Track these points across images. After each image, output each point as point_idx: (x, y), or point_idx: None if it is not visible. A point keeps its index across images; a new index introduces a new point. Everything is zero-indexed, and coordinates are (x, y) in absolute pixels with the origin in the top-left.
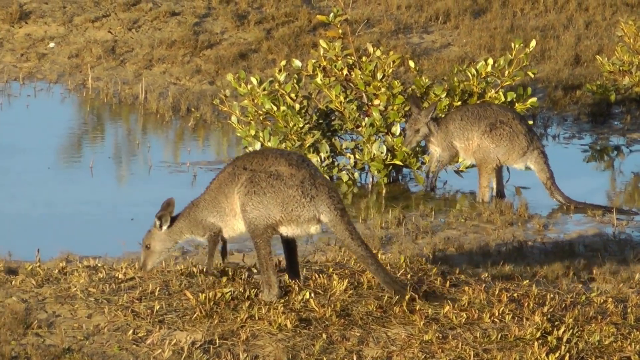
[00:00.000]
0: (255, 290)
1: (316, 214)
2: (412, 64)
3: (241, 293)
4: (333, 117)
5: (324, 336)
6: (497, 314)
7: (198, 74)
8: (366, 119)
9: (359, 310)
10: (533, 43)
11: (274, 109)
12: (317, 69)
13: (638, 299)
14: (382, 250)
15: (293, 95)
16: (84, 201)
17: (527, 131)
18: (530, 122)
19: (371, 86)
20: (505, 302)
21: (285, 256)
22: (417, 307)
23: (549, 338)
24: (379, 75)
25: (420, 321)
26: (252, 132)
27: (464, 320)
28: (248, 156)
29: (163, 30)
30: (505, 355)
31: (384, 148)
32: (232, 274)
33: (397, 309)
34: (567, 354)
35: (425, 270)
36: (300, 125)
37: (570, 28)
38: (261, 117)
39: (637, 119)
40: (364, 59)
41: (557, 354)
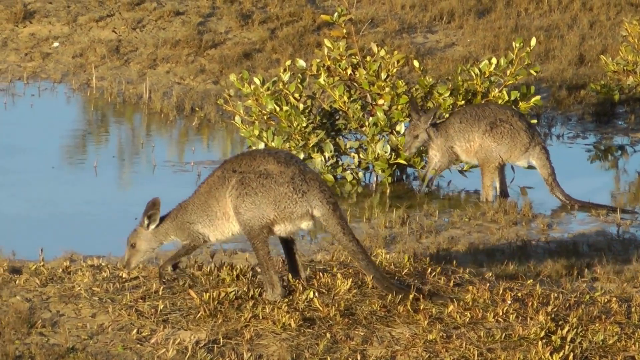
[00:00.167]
0: (259, 289)
1: (309, 209)
2: (416, 63)
3: (245, 292)
4: (337, 117)
5: (328, 335)
6: (501, 313)
7: (202, 73)
8: (370, 118)
9: (363, 309)
10: (534, 41)
11: (276, 109)
12: (321, 68)
13: None
14: (386, 250)
15: (297, 95)
16: (88, 201)
17: (528, 127)
18: (535, 121)
19: (375, 86)
20: (509, 301)
21: (285, 255)
22: (421, 306)
23: (553, 337)
24: (383, 75)
25: (424, 320)
26: (256, 132)
27: (468, 319)
28: (236, 158)
29: (167, 29)
30: (509, 355)
31: (388, 147)
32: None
33: (401, 308)
34: (571, 354)
35: (429, 269)
36: (304, 124)
37: (575, 28)
38: (265, 117)
39: None
40: (368, 58)
41: (561, 353)
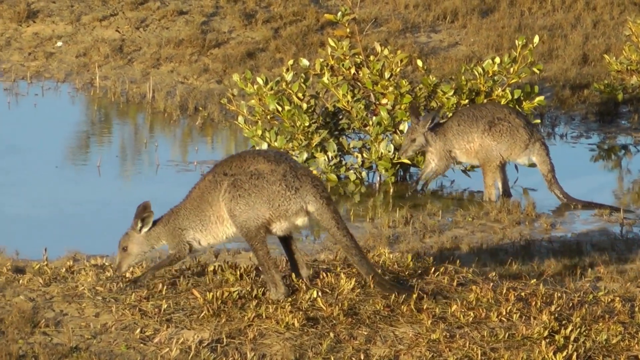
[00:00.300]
0: (263, 289)
1: (303, 205)
2: (419, 63)
3: (248, 292)
4: (340, 116)
5: (332, 335)
6: (504, 313)
7: (206, 73)
8: (374, 118)
9: (366, 309)
10: (536, 39)
11: (279, 109)
12: (325, 68)
13: None
14: (390, 249)
15: (300, 95)
16: (91, 200)
17: (526, 124)
18: (538, 121)
19: (379, 85)
20: (512, 301)
21: (286, 255)
22: (424, 306)
23: (557, 337)
24: (387, 74)
25: (427, 320)
26: (259, 132)
27: (471, 319)
28: (226, 161)
29: (171, 29)
30: (512, 354)
31: (392, 147)
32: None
33: (404, 307)
34: (575, 353)
35: (433, 269)
36: (307, 124)
37: (578, 27)
38: (268, 117)
39: None
40: (371, 58)
41: (564, 352)
